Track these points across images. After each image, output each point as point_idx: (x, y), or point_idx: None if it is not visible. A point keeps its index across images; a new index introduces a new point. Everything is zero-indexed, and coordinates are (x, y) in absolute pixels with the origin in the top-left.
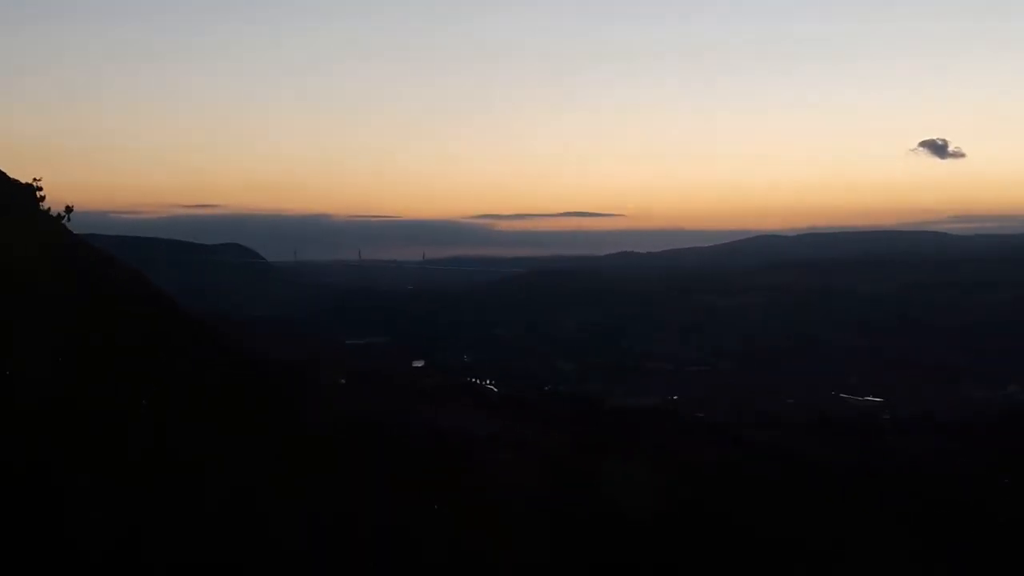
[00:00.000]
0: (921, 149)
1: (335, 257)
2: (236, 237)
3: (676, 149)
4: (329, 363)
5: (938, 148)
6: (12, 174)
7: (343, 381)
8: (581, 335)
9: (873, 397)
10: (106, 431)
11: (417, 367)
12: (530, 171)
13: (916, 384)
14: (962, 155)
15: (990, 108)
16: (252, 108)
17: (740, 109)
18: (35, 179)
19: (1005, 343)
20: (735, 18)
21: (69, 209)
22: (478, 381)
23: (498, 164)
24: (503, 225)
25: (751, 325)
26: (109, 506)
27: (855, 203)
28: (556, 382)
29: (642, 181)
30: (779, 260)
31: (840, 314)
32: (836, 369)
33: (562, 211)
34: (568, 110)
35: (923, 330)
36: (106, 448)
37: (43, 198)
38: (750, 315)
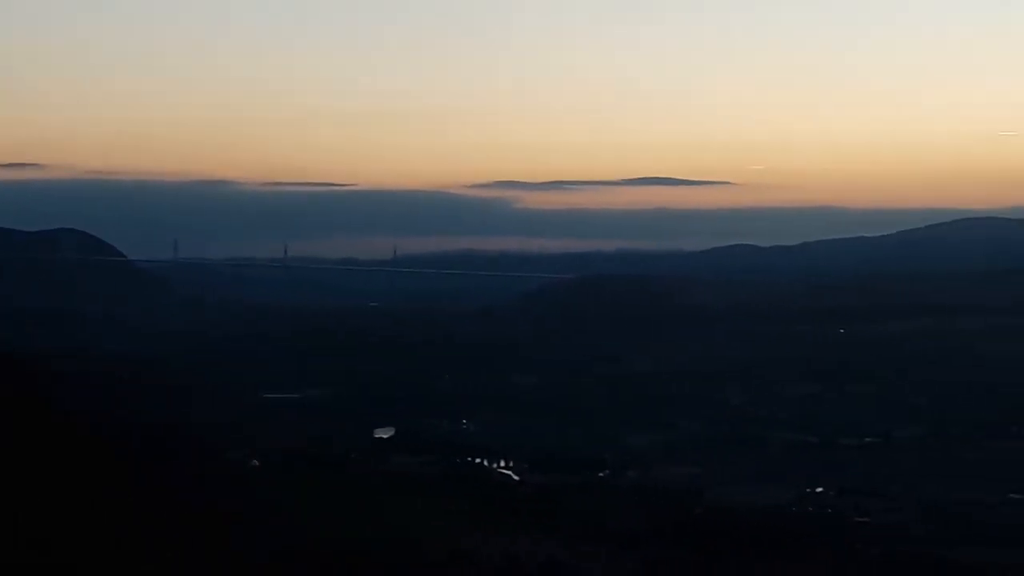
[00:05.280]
0: None
1: (245, 253)
2: (74, 219)
3: (818, 77)
4: (235, 433)
5: None
6: None
7: (257, 463)
8: (660, 386)
9: None
10: None
11: (382, 439)
12: (575, 112)
13: None
14: None
15: None
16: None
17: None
18: None
19: None
20: None
21: None
22: (487, 464)
23: (521, 100)
24: (532, 199)
25: (948, 370)
26: None
27: None
28: (621, 464)
29: (767, 129)
30: (1000, 257)
31: None
32: None
33: (631, 176)
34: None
35: None
36: None
37: None
38: (947, 353)
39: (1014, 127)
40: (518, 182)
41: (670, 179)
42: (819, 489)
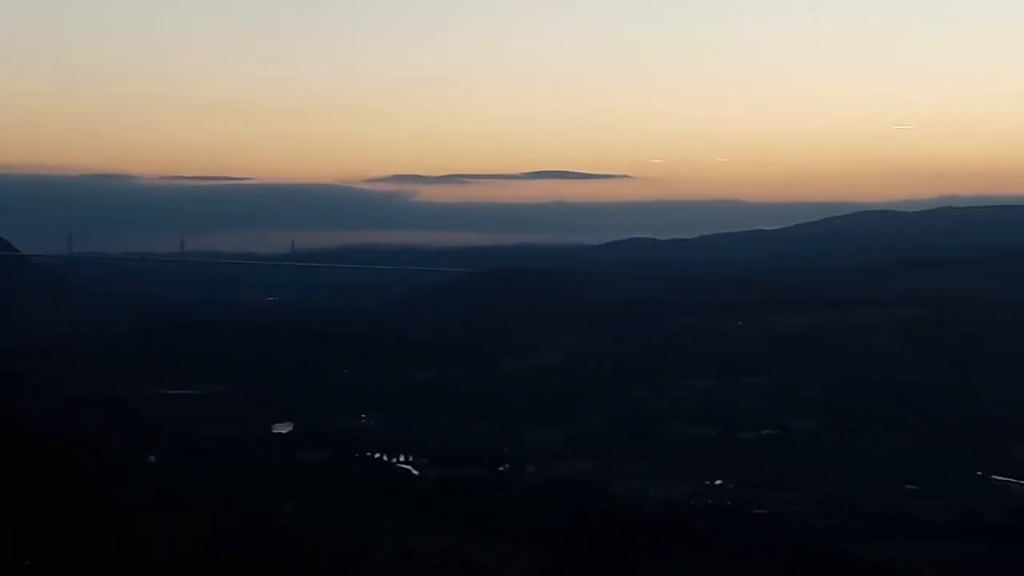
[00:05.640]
0: None
1: (141, 248)
2: None
3: (715, 71)
4: (130, 428)
5: None
6: None
7: (153, 459)
8: (563, 379)
9: None
10: None
11: (280, 434)
12: (472, 105)
13: None
14: None
15: None
16: None
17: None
18: None
19: None
20: None
21: None
22: (388, 459)
23: (417, 93)
24: (430, 192)
25: (845, 363)
26: None
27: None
28: (521, 459)
29: (664, 123)
30: (894, 250)
31: (998, 342)
32: (990, 434)
33: (529, 170)
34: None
35: None
36: None
37: None
38: (843, 346)
39: (908, 121)
40: (416, 175)
41: (569, 172)
42: (718, 482)
